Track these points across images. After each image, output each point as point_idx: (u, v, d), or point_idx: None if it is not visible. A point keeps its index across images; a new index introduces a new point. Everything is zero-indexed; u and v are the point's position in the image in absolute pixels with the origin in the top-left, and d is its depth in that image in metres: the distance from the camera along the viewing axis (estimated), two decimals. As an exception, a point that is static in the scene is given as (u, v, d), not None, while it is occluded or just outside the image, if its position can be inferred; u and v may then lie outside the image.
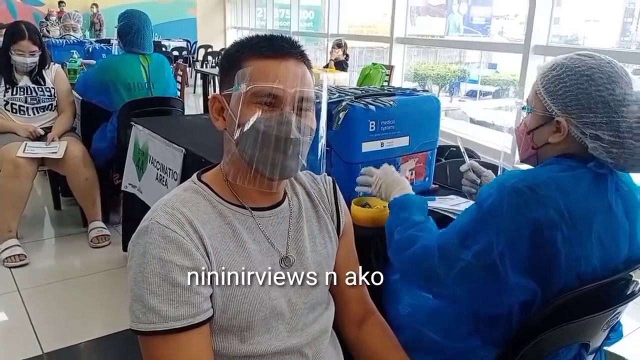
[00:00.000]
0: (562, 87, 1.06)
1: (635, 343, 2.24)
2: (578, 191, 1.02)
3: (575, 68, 1.06)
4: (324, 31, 8.43)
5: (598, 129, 1.03)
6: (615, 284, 1.13)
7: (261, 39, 0.97)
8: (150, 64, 3.13)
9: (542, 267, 1.02)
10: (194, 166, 1.96)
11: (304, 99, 0.94)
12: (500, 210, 1.02)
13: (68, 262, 2.88)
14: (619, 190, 1.08)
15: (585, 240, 1.02)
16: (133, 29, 3.04)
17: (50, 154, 2.86)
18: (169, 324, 0.86)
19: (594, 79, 1.03)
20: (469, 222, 1.08)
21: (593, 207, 1.03)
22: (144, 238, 0.89)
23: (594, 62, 1.05)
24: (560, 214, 0.99)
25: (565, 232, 0.99)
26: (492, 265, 1.02)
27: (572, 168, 1.05)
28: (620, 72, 1.04)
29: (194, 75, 9.64)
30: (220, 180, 1.01)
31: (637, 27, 8.43)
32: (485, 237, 1.03)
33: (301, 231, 1.05)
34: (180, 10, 13.21)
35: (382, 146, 1.57)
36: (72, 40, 4.09)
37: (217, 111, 0.99)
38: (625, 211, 1.08)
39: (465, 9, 9.72)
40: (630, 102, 1.02)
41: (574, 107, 1.05)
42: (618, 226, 1.07)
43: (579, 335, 1.12)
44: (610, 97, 1.02)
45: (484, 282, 1.05)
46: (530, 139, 1.16)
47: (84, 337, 2.15)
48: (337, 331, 1.15)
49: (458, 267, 1.06)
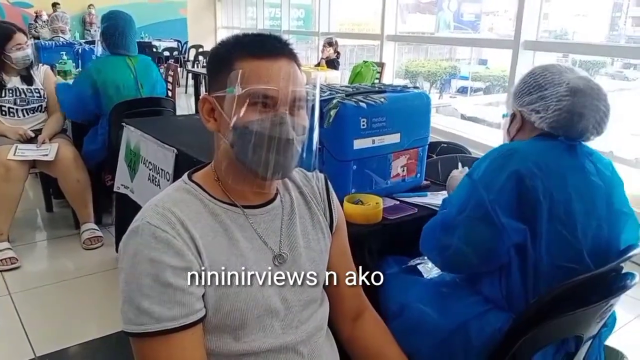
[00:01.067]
0: (516, 88, 1.34)
1: (629, 335, 2.26)
2: (552, 153, 1.22)
3: (525, 73, 1.33)
4: (315, 30, 8.40)
5: (535, 105, 1.26)
6: (607, 275, 1.14)
7: (251, 38, 0.96)
8: (136, 65, 3.11)
9: (528, 210, 1.16)
10: (186, 166, 1.94)
11: (297, 98, 0.93)
12: (486, 172, 1.21)
13: (60, 265, 2.86)
14: (590, 157, 1.25)
15: (562, 189, 1.17)
16: (118, 30, 3.01)
17: (41, 157, 2.84)
18: (162, 324, 0.86)
19: (534, 72, 1.30)
20: (463, 193, 1.25)
21: (566, 164, 1.21)
22: (134, 239, 0.89)
23: (543, 66, 1.31)
24: (537, 166, 1.17)
25: (544, 181, 1.16)
26: (486, 215, 1.17)
27: (546, 140, 1.25)
28: (558, 67, 1.28)
29: (185, 75, 9.61)
30: (211, 179, 1.01)
31: (626, 22, 8.49)
32: (477, 194, 1.19)
33: (294, 228, 1.05)
34: (171, 10, 13.15)
35: (373, 143, 1.57)
36: (61, 42, 4.06)
37: (207, 112, 0.98)
38: (599, 176, 1.23)
39: (455, 6, 9.74)
40: (560, 82, 1.24)
41: (520, 96, 1.31)
42: (593, 183, 1.22)
43: (573, 328, 1.13)
44: (542, 79, 1.27)
45: (483, 232, 1.18)
46: (508, 137, 1.39)
47: (76, 340, 2.14)
48: (331, 327, 1.15)
49: (460, 227, 1.21)
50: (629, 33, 8.19)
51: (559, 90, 1.23)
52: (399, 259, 1.50)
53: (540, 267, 1.16)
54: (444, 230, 1.25)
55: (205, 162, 1.08)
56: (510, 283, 1.21)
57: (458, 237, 1.21)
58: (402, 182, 1.71)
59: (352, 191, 1.58)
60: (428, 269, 1.46)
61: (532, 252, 1.17)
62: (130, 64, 3.08)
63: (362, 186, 1.60)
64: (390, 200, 1.64)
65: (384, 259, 1.50)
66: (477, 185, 1.20)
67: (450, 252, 1.24)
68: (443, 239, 1.25)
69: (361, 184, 1.60)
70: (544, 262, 1.16)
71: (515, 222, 1.16)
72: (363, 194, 1.55)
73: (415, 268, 1.47)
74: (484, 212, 1.17)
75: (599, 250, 1.18)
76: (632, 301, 2.51)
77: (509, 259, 1.20)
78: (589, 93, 1.21)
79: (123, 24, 3.04)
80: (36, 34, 7.70)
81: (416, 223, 1.46)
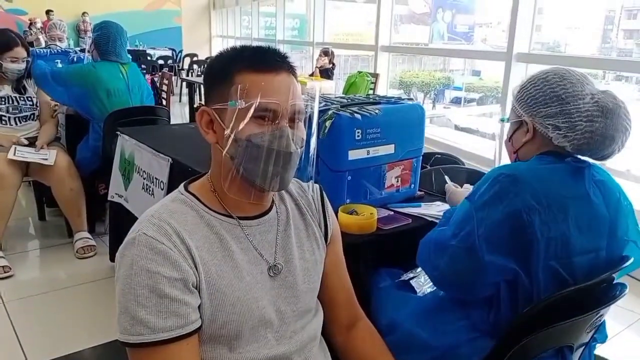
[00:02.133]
0: (525, 93, 1.24)
1: (620, 346, 2.27)
2: (554, 179, 1.15)
3: (535, 76, 1.24)
4: (309, 39, 8.46)
5: (555, 119, 1.17)
6: (598, 286, 1.15)
7: (251, 52, 0.97)
8: (128, 72, 3.15)
9: (521, 248, 1.11)
10: (181, 176, 1.96)
11: (297, 111, 0.95)
12: (483, 199, 1.14)
13: (53, 274, 2.85)
14: (597, 184, 1.19)
15: (561, 222, 1.12)
16: (110, 38, 3.06)
17: (41, 160, 2.85)
18: (158, 335, 0.86)
19: (548, 79, 1.20)
20: (460, 216, 1.20)
21: (569, 193, 1.15)
22: (131, 250, 0.89)
23: (551, 69, 1.23)
24: (536, 199, 1.10)
25: (542, 216, 1.10)
26: (472, 248, 1.13)
27: (552, 162, 1.18)
28: (575, 75, 1.19)
29: (180, 83, 9.63)
30: (207, 190, 1.01)
31: (617, 34, 8.59)
32: (470, 224, 1.14)
33: (289, 239, 1.06)
34: (166, 19, 13.20)
35: (368, 154, 1.58)
36: (57, 50, 4.06)
37: (206, 124, 0.99)
38: (605, 203, 1.18)
39: (449, 17, 9.83)
40: (583, 96, 1.16)
41: (533, 105, 1.21)
42: (597, 213, 1.17)
43: (564, 337, 1.14)
44: (562, 91, 1.17)
45: (467, 263, 1.15)
46: (510, 145, 1.32)
47: (70, 349, 2.12)
48: (325, 337, 1.16)
49: (448, 253, 1.18)
50: (620, 46, 8.28)
51: (587, 108, 1.14)
52: (392, 272, 1.51)
53: (533, 301, 1.13)
54: (437, 249, 1.23)
55: (201, 171, 1.09)
56: (500, 314, 1.18)
57: (445, 262, 1.19)
58: (396, 193, 1.73)
59: (347, 201, 1.59)
60: (421, 283, 1.47)
61: (524, 287, 1.13)
62: (122, 70, 3.12)
63: (356, 196, 1.61)
64: (385, 210, 1.65)
65: (377, 272, 1.51)
66: (473, 213, 1.15)
67: (438, 273, 1.23)
68: (434, 257, 1.23)
69: (356, 195, 1.61)
70: (536, 297, 1.13)
71: (505, 259, 1.11)
72: (358, 205, 1.56)
73: (407, 283, 1.48)
74: (471, 244, 1.13)
75: (594, 277, 1.14)
76: (623, 312, 2.53)
77: (497, 291, 1.17)
78: (619, 113, 1.14)
79: (114, 32, 3.09)
80: (31, 39, 7.67)
81: (410, 233, 1.47)
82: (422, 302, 1.37)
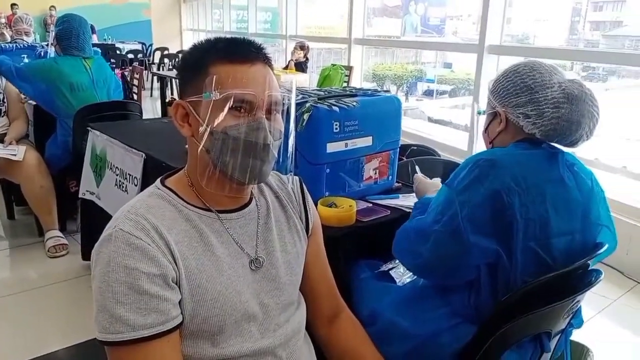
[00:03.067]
0: (497, 85, 1.29)
1: (594, 330, 2.33)
2: (531, 164, 1.19)
3: (508, 69, 1.28)
4: (282, 32, 8.41)
5: (524, 108, 1.22)
6: (574, 272, 1.17)
7: (226, 43, 0.95)
8: (92, 67, 3.07)
9: (502, 229, 1.14)
10: (155, 171, 1.92)
11: (274, 103, 0.94)
12: (464, 183, 1.17)
13: (24, 274, 2.78)
14: (570, 169, 1.23)
15: (539, 204, 1.15)
16: (73, 32, 2.98)
17: (9, 155, 2.77)
18: (137, 332, 0.84)
19: (519, 71, 1.25)
20: (440, 201, 1.21)
21: (545, 177, 1.19)
22: (107, 247, 0.87)
23: (522, 62, 1.27)
24: (515, 181, 1.13)
25: (521, 197, 1.13)
26: (456, 230, 1.15)
27: (527, 148, 1.22)
28: (545, 66, 1.24)
29: (150, 78, 9.47)
30: (184, 184, 1.00)
31: (584, 26, 8.77)
32: (452, 208, 1.16)
33: (270, 232, 1.05)
34: (134, 12, 12.93)
35: (346, 146, 1.58)
36: (23, 45, 3.94)
37: (181, 118, 0.97)
38: (578, 188, 1.22)
39: (422, 10, 9.88)
40: (551, 85, 1.20)
41: (505, 96, 1.26)
42: (570, 196, 1.21)
43: (542, 324, 1.16)
44: (531, 81, 1.22)
45: (452, 247, 1.16)
46: (487, 135, 1.36)
47: (43, 350, 2.08)
48: (309, 331, 1.16)
49: (432, 239, 1.19)
50: (587, 37, 8.45)
51: (554, 95, 1.18)
52: (372, 263, 1.52)
53: (511, 284, 1.16)
54: (418, 237, 1.24)
55: (175, 166, 1.07)
56: (480, 298, 1.20)
57: (429, 248, 1.19)
58: (374, 185, 1.73)
59: (326, 194, 1.58)
60: (400, 273, 1.48)
61: (504, 269, 1.15)
62: (86, 65, 3.04)
63: (335, 189, 1.61)
64: (363, 202, 1.65)
65: (357, 263, 1.51)
66: (454, 197, 1.17)
67: (421, 261, 1.24)
68: (415, 245, 1.24)
69: (334, 187, 1.61)
70: (514, 279, 1.15)
71: (487, 240, 1.14)
72: (337, 197, 1.55)
73: (387, 273, 1.48)
74: (456, 227, 1.14)
75: (570, 262, 1.17)
76: (596, 297, 2.59)
77: (478, 274, 1.19)
78: (584, 99, 1.18)
79: (77, 25, 3.01)
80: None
81: (389, 225, 1.47)
82: (402, 292, 1.39)
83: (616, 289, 2.75)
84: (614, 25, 8.46)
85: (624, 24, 8.02)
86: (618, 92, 6.99)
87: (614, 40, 8.09)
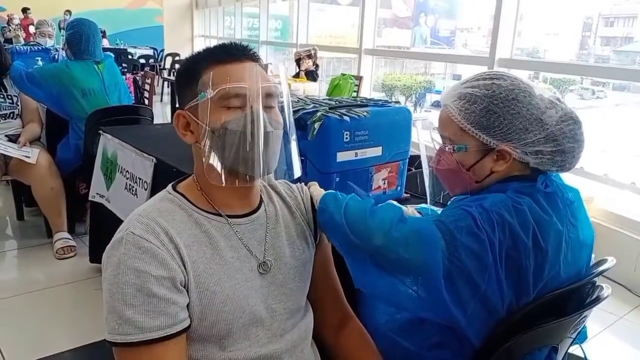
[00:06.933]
0: (494, 118, 1.06)
1: (598, 346, 2.32)
2: (544, 217, 1.04)
3: (499, 95, 1.07)
4: (292, 41, 8.45)
5: (538, 145, 1.06)
6: (582, 289, 1.17)
7: (214, 48, 0.99)
8: (104, 71, 3.10)
9: (512, 285, 1.04)
10: (165, 176, 1.94)
11: (267, 94, 0.96)
12: (476, 248, 1.00)
13: (32, 275, 2.80)
14: (569, 208, 1.10)
15: (554, 262, 1.06)
16: (83, 37, 3.01)
17: (23, 157, 2.80)
18: (146, 334, 0.86)
19: (519, 99, 1.06)
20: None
21: (558, 228, 1.06)
22: (118, 249, 0.89)
23: (509, 83, 1.08)
24: (535, 241, 1.02)
25: (538, 259, 1.03)
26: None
27: (524, 192, 1.06)
28: (525, 83, 1.09)
29: (161, 83, 9.55)
30: (194, 189, 1.01)
31: (595, 41, 8.76)
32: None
33: (279, 237, 1.06)
34: (147, 17, 13.08)
35: (356, 156, 1.59)
36: (37, 48, 3.99)
37: (183, 127, 1.00)
38: (572, 219, 1.11)
39: (432, 22, 9.92)
40: (545, 107, 1.07)
41: (513, 133, 1.06)
42: (577, 238, 1.11)
43: (549, 338, 1.15)
44: (537, 111, 1.06)
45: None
46: (471, 174, 1.13)
47: (50, 351, 2.09)
48: (315, 338, 1.16)
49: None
50: (597, 52, 8.46)
51: (562, 127, 1.06)
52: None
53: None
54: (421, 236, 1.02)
55: (186, 171, 1.08)
56: None
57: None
58: (383, 195, 1.73)
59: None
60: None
61: None
62: (97, 69, 3.06)
63: (343, 198, 1.61)
64: (371, 212, 1.65)
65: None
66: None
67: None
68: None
69: (343, 196, 1.61)
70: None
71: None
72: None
73: None
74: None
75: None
76: (601, 313, 2.58)
77: None
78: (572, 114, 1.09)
79: (87, 30, 3.03)
80: (10, 36, 7.54)
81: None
82: (406, 313, 1.29)
83: (623, 305, 2.74)
84: (625, 41, 8.46)
85: (635, 39, 8.01)
86: (629, 108, 6.96)
87: (625, 55, 8.09)
